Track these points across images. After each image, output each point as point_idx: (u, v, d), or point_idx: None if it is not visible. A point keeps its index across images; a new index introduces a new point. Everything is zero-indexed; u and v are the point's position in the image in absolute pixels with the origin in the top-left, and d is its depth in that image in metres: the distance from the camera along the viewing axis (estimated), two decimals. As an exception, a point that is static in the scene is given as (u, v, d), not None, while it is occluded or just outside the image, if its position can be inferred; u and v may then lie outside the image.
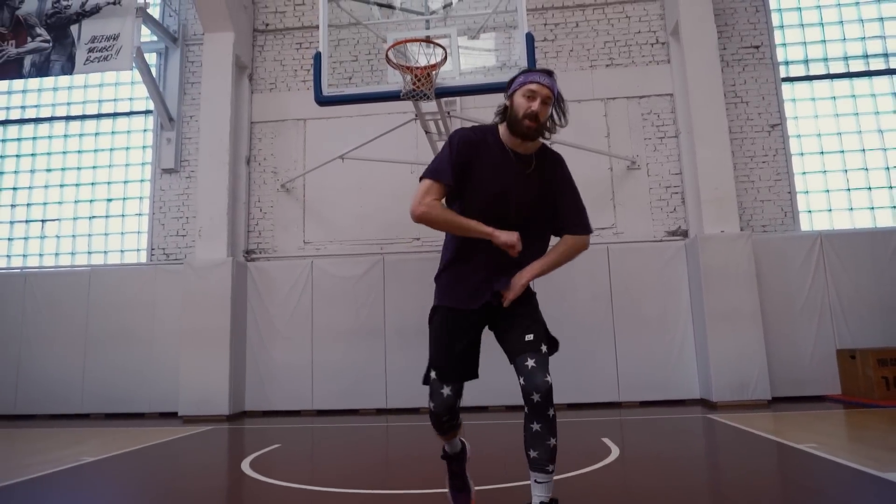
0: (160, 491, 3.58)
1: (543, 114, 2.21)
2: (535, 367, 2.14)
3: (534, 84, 2.20)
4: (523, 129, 2.20)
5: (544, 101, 2.20)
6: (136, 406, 7.94)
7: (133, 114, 9.25)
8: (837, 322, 7.31)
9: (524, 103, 2.20)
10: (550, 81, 2.23)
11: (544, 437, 2.13)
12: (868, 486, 3.09)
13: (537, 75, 2.23)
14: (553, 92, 2.23)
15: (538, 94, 2.19)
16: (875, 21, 8.43)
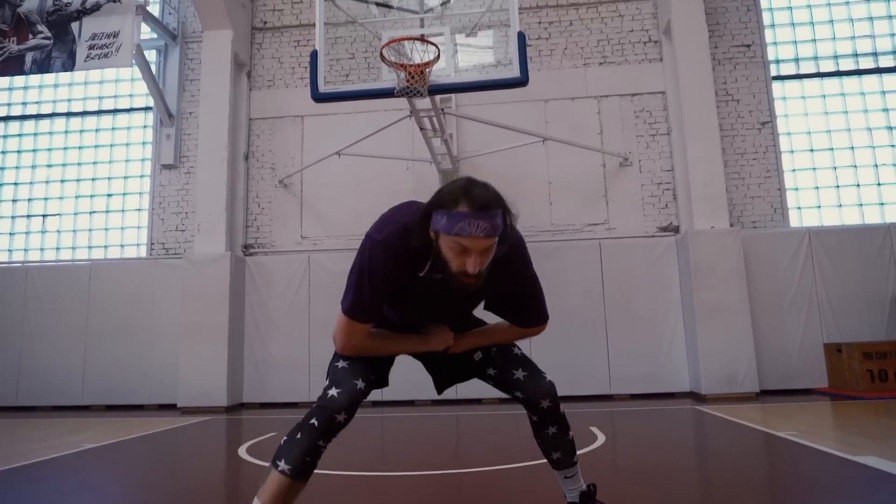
0: (161, 473, 3.71)
1: (486, 261, 1.63)
2: (527, 375, 1.95)
3: (465, 239, 1.57)
4: (460, 285, 1.65)
5: (485, 250, 1.61)
6: (136, 398, 8.06)
7: (133, 110, 9.36)
8: (825, 317, 7.45)
9: (454, 258, 1.61)
10: (489, 226, 1.57)
11: (562, 435, 2.01)
12: (838, 468, 3.22)
13: (467, 223, 1.55)
14: (496, 233, 1.60)
15: (474, 250, 1.59)
16: (864, 20, 8.56)
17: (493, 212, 1.58)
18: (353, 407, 1.75)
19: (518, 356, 2.01)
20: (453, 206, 1.57)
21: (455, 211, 1.57)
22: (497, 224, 1.59)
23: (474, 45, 8.11)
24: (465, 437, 5.18)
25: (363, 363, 1.86)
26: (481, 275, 1.63)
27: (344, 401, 1.73)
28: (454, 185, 1.64)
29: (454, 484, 3.16)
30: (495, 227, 1.59)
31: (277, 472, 1.71)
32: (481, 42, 8.20)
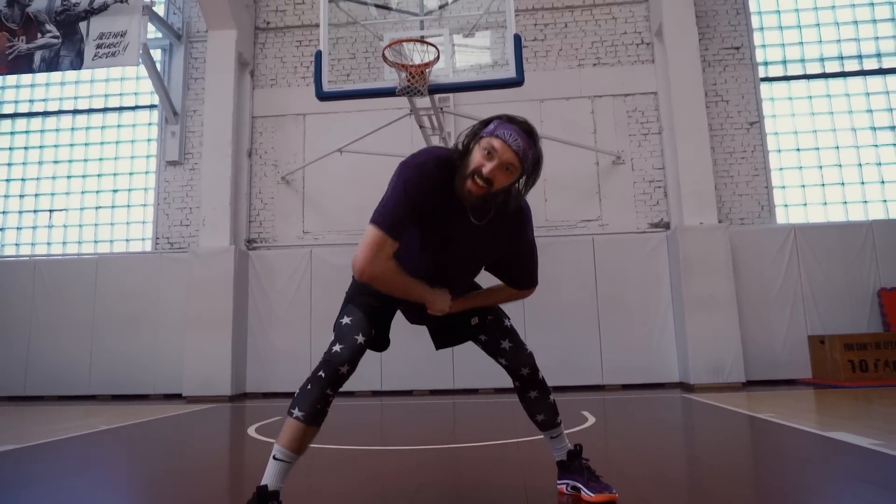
0: (177, 448, 3.95)
1: (500, 181, 1.76)
2: (512, 346, 2.16)
3: (498, 141, 1.73)
4: (464, 187, 1.77)
5: (506, 166, 1.75)
6: (142, 388, 8.28)
7: (138, 108, 9.58)
8: (809, 310, 7.72)
9: (479, 157, 1.75)
10: (524, 144, 1.74)
11: (543, 398, 2.22)
12: (810, 442, 3.48)
13: (510, 130, 1.74)
14: (522, 159, 1.75)
15: (498, 156, 1.73)
16: (850, 24, 8.84)
17: (531, 140, 1.79)
18: (354, 360, 1.90)
19: (507, 328, 2.19)
20: (507, 121, 1.79)
21: (506, 123, 1.78)
22: (528, 153, 1.77)
23: (472, 46, 8.34)
24: (462, 420, 5.43)
25: (366, 320, 1.98)
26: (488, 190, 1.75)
27: (346, 354, 1.88)
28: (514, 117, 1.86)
29: (450, 456, 3.41)
30: (524, 153, 1.75)
31: (293, 418, 1.89)
32: (479, 43, 8.44)
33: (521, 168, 1.78)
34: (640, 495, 2.30)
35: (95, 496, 2.62)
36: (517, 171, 1.78)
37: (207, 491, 2.69)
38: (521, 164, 1.77)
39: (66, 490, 2.68)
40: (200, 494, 2.61)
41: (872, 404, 5.21)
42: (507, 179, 1.77)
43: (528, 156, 1.77)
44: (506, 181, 1.77)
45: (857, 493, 2.29)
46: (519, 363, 2.15)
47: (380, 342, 2.08)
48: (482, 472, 2.90)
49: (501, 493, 2.43)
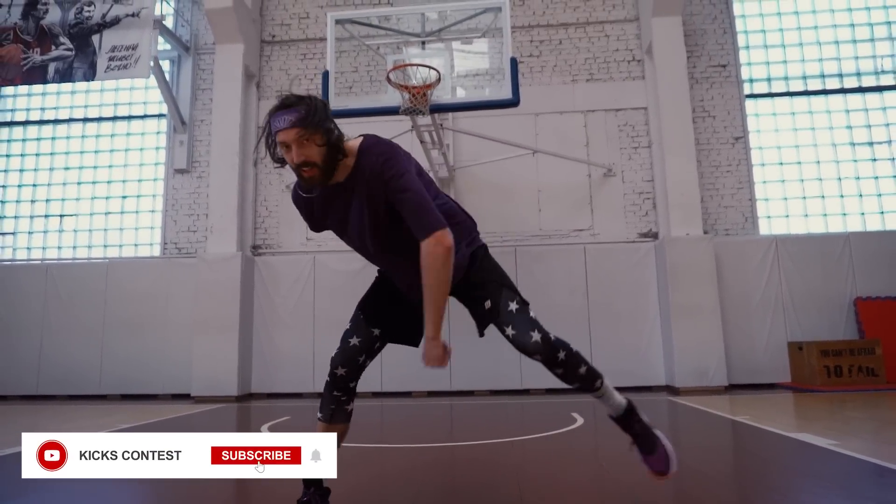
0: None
1: (310, 154, 1.86)
2: (515, 334, 2.01)
3: (278, 135, 1.86)
4: (305, 181, 1.94)
5: (299, 142, 1.84)
6: (151, 388, 8.60)
7: (147, 117, 9.91)
8: (789, 317, 8.12)
9: (287, 157, 1.90)
10: (293, 118, 1.82)
11: (571, 373, 2.09)
12: (775, 442, 3.86)
13: (276, 119, 1.85)
14: (300, 124, 1.82)
15: (289, 143, 1.84)
16: (831, 44, 9.24)
17: (294, 108, 1.83)
18: (347, 361, 2.12)
19: (510, 312, 2.04)
20: (272, 113, 1.87)
21: (272, 115, 1.87)
22: (302, 116, 1.81)
23: (472, 67, 8.68)
24: (458, 421, 5.79)
25: (363, 322, 2.18)
26: (316, 168, 1.87)
27: (338, 358, 2.13)
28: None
29: (448, 454, 3.77)
30: (301, 119, 1.81)
31: (318, 420, 2.19)
32: (478, 63, 8.77)
33: (308, 130, 1.83)
34: (626, 494, 2.67)
35: (125, 494, 2.94)
36: (309, 134, 1.84)
37: (231, 486, 3.03)
38: (305, 128, 1.83)
39: (94, 487, 2.89)
40: (227, 490, 2.95)
41: (840, 407, 5.60)
42: (312, 146, 1.85)
43: (302, 118, 1.82)
44: (314, 149, 1.86)
45: (803, 486, 2.67)
46: (527, 353, 2.01)
47: (403, 335, 2.23)
48: (478, 469, 3.26)
49: (496, 488, 2.79)
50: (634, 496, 2.56)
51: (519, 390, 7.95)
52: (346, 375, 2.13)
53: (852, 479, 2.82)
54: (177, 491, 2.80)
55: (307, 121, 1.84)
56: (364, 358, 2.17)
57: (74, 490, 2.79)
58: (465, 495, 2.69)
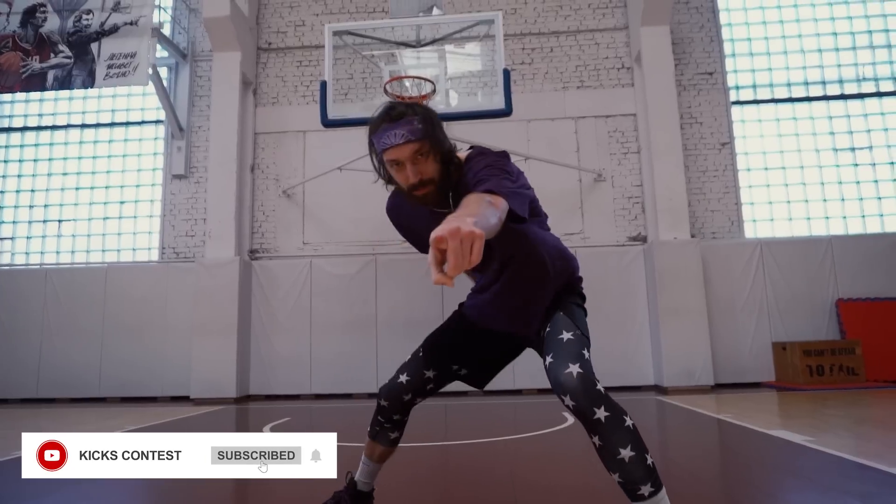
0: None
1: (427, 171, 1.69)
2: (552, 363, 1.69)
3: (389, 152, 1.67)
4: (419, 200, 1.74)
5: (414, 159, 1.67)
6: (150, 390, 8.74)
7: (145, 123, 10.05)
8: (773, 318, 8.36)
9: (398, 176, 1.72)
10: (406, 131, 1.65)
11: (609, 449, 1.60)
12: (753, 439, 4.08)
13: (386, 135, 1.66)
14: (417, 138, 1.66)
15: (404, 160, 1.67)
16: (815, 52, 9.50)
17: (406, 119, 1.66)
18: (391, 396, 2.05)
19: (559, 340, 1.75)
20: (375, 128, 1.70)
21: (377, 130, 1.69)
22: (416, 128, 1.65)
23: (466, 70, 8.87)
24: (453, 420, 5.98)
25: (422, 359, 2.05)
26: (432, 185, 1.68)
27: (384, 390, 2.09)
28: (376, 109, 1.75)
29: (442, 452, 3.96)
30: (415, 132, 1.65)
31: (367, 432, 2.19)
32: (472, 66, 8.96)
33: (424, 143, 1.68)
34: (614, 490, 2.86)
35: (134, 494, 3.12)
36: (425, 147, 1.68)
37: (231, 486, 3.20)
38: (421, 141, 1.67)
39: (102, 487, 3.04)
40: (227, 490, 3.12)
41: (820, 405, 5.83)
42: (429, 161, 1.69)
43: (417, 130, 1.66)
44: (432, 164, 1.70)
45: (777, 480, 2.87)
46: (557, 389, 1.64)
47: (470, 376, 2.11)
48: (472, 466, 3.45)
49: (489, 486, 2.98)
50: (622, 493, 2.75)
51: (512, 391, 8.15)
52: (389, 407, 2.08)
53: (821, 472, 3.03)
54: (177, 491, 2.90)
55: (425, 134, 1.68)
56: (410, 396, 2.05)
57: (79, 491, 2.94)
58: (460, 492, 2.88)
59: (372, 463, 2.20)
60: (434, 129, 1.70)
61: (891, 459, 3.11)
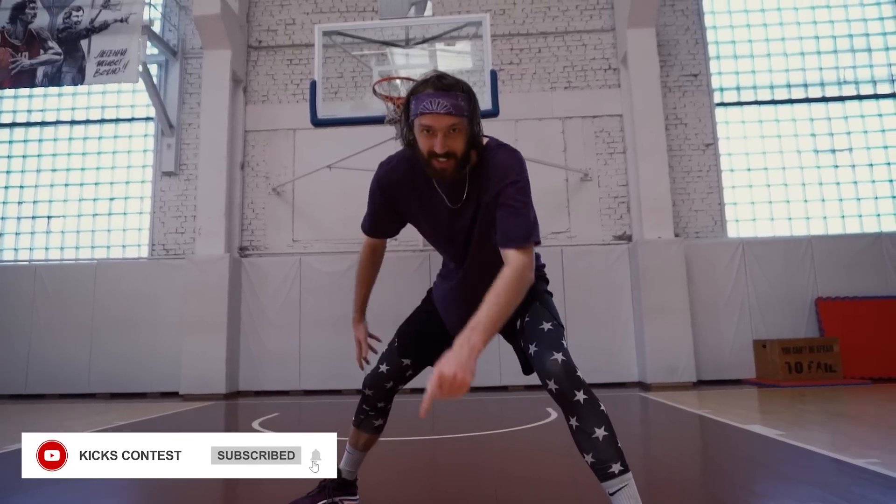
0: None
1: (456, 146, 1.71)
2: (537, 351, 1.80)
3: (426, 117, 1.68)
4: (435, 171, 1.75)
5: (448, 132, 1.68)
6: (139, 386, 8.79)
7: (134, 120, 10.07)
8: (754, 316, 8.54)
9: (424, 141, 1.72)
10: (450, 104, 1.66)
11: (585, 430, 1.72)
12: (730, 433, 4.23)
13: (429, 101, 1.67)
14: (458, 113, 1.68)
15: (436, 129, 1.68)
16: (797, 55, 9.68)
17: (454, 93, 1.68)
18: (374, 385, 2.16)
19: (541, 330, 1.84)
20: (420, 90, 1.71)
21: (421, 93, 1.70)
22: (460, 105, 1.68)
23: (454, 68, 8.97)
24: (439, 415, 6.09)
25: (397, 349, 2.14)
26: (454, 159, 1.71)
27: (367, 380, 2.19)
28: (425, 74, 1.78)
29: (430, 446, 4.07)
30: (458, 107, 1.67)
31: (352, 422, 2.28)
32: (461, 64, 9.05)
33: (462, 119, 1.70)
34: (595, 485, 2.98)
35: (127, 489, 3.20)
36: (463, 125, 1.71)
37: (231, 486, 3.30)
38: (461, 118, 1.69)
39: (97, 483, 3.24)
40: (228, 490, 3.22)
41: (797, 401, 6.01)
42: (461, 138, 1.72)
43: (461, 106, 1.69)
44: (461, 141, 1.72)
45: (747, 472, 3.01)
46: (542, 374, 1.76)
47: (422, 360, 2.17)
48: (458, 460, 3.57)
49: (474, 479, 3.10)
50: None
51: (498, 387, 8.27)
52: (373, 396, 2.19)
53: (791, 465, 3.18)
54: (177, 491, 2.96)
55: (466, 112, 1.72)
56: (392, 384, 2.16)
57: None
58: (446, 485, 2.99)
59: (356, 451, 2.29)
60: (474, 111, 1.76)
61: (857, 452, 3.27)
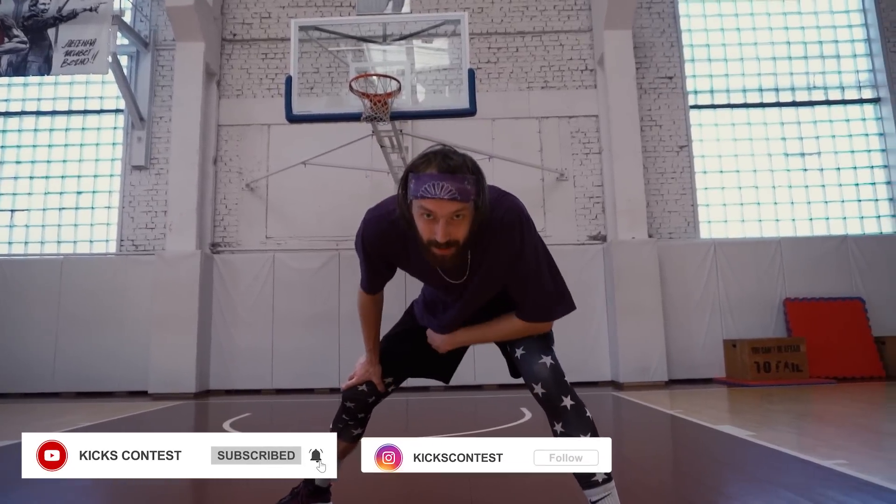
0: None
1: (459, 233, 1.57)
2: (524, 354, 1.81)
3: (428, 202, 1.53)
4: (434, 259, 1.63)
5: (450, 219, 1.55)
6: (106, 385, 8.59)
7: (103, 112, 9.82)
8: (724, 317, 8.68)
9: (423, 226, 1.58)
10: (455, 189, 1.52)
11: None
12: (700, 434, 4.28)
13: (432, 184, 1.51)
14: (465, 199, 1.53)
15: (440, 216, 1.54)
16: (769, 60, 9.85)
17: (460, 175, 1.52)
18: (356, 399, 2.08)
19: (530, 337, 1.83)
20: (422, 170, 1.55)
21: (422, 174, 1.54)
22: (466, 189, 1.53)
23: (432, 65, 8.92)
24: (414, 416, 6.07)
25: (383, 368, 2.06)
26: (456, 247, 1.58)
27: (349, 395, 2.10)
28: (428, 150, 1.62)
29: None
30: (464, 192, 1.52)
31: (329, 429, 2.16)
32: (438, 61, 9.01)
33: (469, 205, 1.56)
34: (568, 483, 2.99)
35: (98, 491, 3.12)
36: (468, 211, 1.56)
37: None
38: (467, 203, 1.55)
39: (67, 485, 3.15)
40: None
41: (765, 401, 6.12)
42: (465, 224, 1.58)
43: (467, 192, 1.54)
44: (465, 228, 1.58)
45: (718, 473, 3.05)
46: (529, 377, 1.76)
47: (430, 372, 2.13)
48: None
49: (447, 479, 3.07)
50: (575, 485, 2.88)
51: (472, 386, 8.27)
52: (354, 409, 2.11)
53: (761, 466, 3.22)
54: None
55: (476, 198, 1.57)
56: (374, 399, 2.10)
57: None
58: (417, 486, 2.96)
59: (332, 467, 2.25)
60: (482, 194, 1.59)
61: (824, 453, 3.32)
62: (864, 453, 3.50)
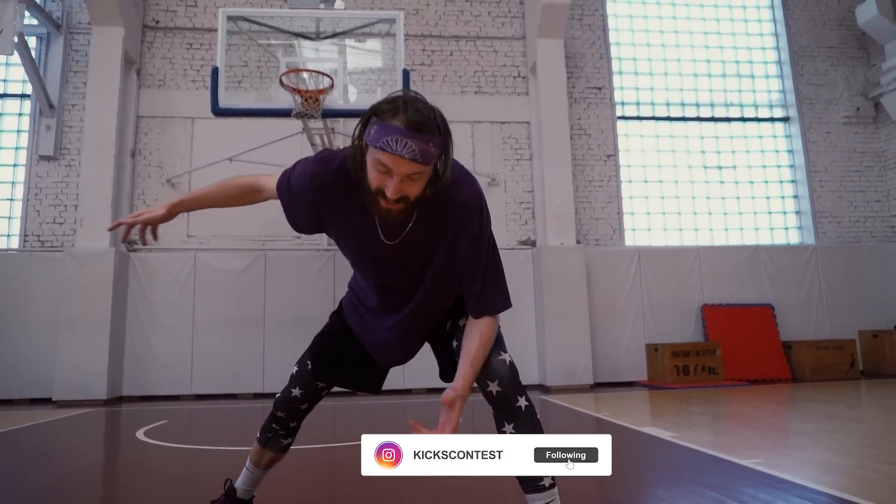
0: (65, 454, 4.12)
1: (409, 191, 1.47)
2: None
3: (386, 155, 1.41)
4: (378, 209, 1.51)
5: (407, 178, 1.44)
6: (6, 392, 7.91)
7: (6, 96, 9.11)
8: (647, 321, 8.98)
9: (375, 175, 1.47)
10: (418, 150, 1.40)
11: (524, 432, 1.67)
12: (628, 436, 4.37)
13: (394, 139, 1.39)
14: (426, 161, 1.43)
15: (395, 172, 1.43)
16: (691, 76, 10.30)
17: (426, 135, 1.42)
18: (288, 408, 2.00)
19: None
20: (387, 118, 1.43)
21: (386, 123, 1.42)
22: (430, 152, 1.42)
23: (365, 65, 8.80)
24: (341, 421, 5.92)
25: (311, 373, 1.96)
26: (405, 203, 1.48)
27: (280, 403, 2.02)
28: (397, 95, 1.50)
29: (328, 453, 3.91)
30: (426, 154, 1.42)
31: (256, 439, 2.11)
32: (371, 62, 8.89)
33: (427, 168, 1.46)
34: (495, 487, 2.95)
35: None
36: (425, 173, 1.46)
37: (109, 492, 3.02)
38: (428, 165, 1.45)
39: None
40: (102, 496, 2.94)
41: (685, 403, 6.35)
42: (420, 184, 1.47)
43: (430, 154, 1.43)
44: (419, 187, 1.47)
45: (644, 474, 3.10)
46: (486, 373, 1.67)
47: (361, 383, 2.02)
48: (360, 467, 3.43)
49: (377, 485, 2.98)
50: (577, 479, 2.86)
51: (401, 390, 8.18)
52: (286, 418, 2.04)
53: (684, 466, 3.31)
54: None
55: (435, 160, 1.48)
56: (306, 406, 2.03)
57: None
58: (346, 494, 2.86)
59: (257, 470, 2.14)
60: (445, 160, 1.52)
61: (742, 453, 3.45)
62: (778, 452, 3.66)
